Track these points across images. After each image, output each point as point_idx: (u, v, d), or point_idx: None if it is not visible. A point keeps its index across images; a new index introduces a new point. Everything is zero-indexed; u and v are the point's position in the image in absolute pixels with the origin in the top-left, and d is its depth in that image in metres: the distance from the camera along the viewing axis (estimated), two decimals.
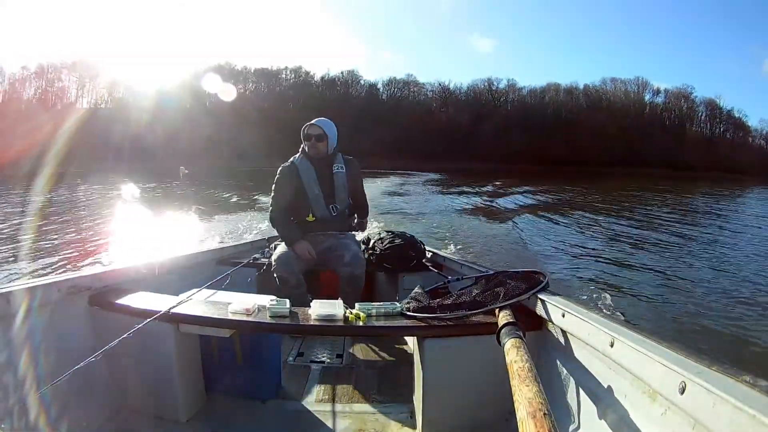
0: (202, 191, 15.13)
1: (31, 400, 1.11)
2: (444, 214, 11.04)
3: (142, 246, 6.16)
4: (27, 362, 1.18)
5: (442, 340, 1.31)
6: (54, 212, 9.54)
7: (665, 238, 8.50)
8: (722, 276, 5.73)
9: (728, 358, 3.09)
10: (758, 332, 3.63)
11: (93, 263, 5.27)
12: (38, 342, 1.22)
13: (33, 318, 1.22)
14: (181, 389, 1.38)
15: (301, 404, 1.55)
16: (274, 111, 50.10)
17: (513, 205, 13.92)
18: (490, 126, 53.03)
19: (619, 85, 61.87)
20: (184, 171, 22.76)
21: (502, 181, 24.36)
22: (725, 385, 0.66)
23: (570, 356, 1.15)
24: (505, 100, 60.87)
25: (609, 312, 3.65)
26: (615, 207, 14.26)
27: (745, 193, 25.64)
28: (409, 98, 60.84)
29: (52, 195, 12.98)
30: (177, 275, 1.92)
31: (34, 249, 5.93)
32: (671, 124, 60.18)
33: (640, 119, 58.20)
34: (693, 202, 17.73)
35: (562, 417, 1.09)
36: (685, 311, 4.21)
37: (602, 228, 9.58)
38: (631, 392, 0.90)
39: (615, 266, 6.05)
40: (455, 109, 57.69)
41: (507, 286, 1.36)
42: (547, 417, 0.66)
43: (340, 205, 2.14)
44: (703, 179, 36.57)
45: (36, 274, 4.73)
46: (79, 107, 47.28)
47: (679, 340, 0.99)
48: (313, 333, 1.92)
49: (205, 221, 8.83)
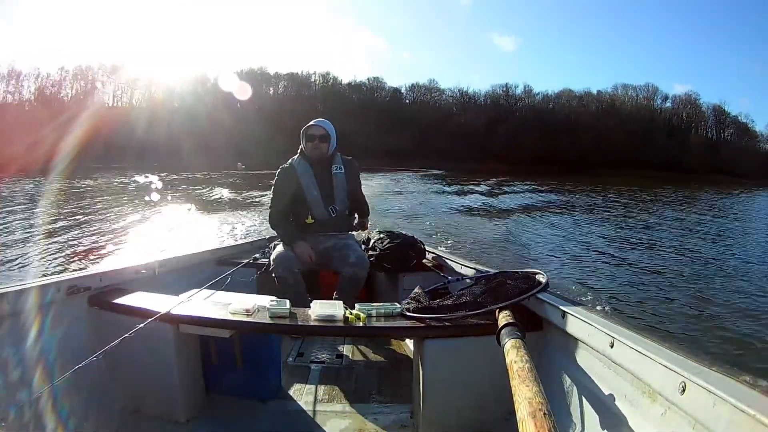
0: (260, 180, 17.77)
1: (31, 401, 1.11)
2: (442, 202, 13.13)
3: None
4: (27, 362, 1.18)
5: (442, 341, 1.31)
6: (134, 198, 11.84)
7: (662, 237, 8.67)
8: (722, 275, 5.78)
9: (728, 357, 3.10)
10: (758, 332, 3.64)
11: (95, 261, 5.42)
12: (38, 342, 1.22)
13: (33, 318, 1.22)
14: (181, 389, 1.38)
15: (301, 404, 1.55)
16: (305, 113, 54.59)
17: (511, 203, 14.77)
18: (503, 130, 56.08)
19: (630, 92, 64.81)
20: (241, 166, 28.93)
21: (506, 177, 27.29)
22: (725, 385, 0.66)
23: (570, 357, 1.15)
24: (520, 106, 63.97)
25: (609, 312, 3.65)
26: (613, 205, 15.01)
27: (745, 194, 26.76)
28: (430, 103, 64.24)
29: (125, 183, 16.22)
30: (177, 275, 1.92)
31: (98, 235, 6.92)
32: (677, 129, 62.13)
33: (647, 124, 60.33)
34: (691, 201, 18.52)
35: (562, 417, 1.08)
36: (685, 310, 4.22)
37: (602, 229, 9.70)
38: (631, 392, 0.90)
39: (614, 266, 6.07)
40: (473, 114, 60.61)
41: (507, 286, 1.36)
42: (547, 417, 0.66)
43: (340, 206, 2.13)
44: (703, 182, 37.93)
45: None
46: (126, 107, 51.94)
47: (679, 340, 0.99)
48: (313, 333, 1.92)
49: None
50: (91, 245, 6.37)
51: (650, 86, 65.20)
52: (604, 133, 56.88)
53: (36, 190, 13.62)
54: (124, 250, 6.05)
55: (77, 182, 16.63)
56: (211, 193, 14.56)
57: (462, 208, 12.65)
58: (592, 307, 1.17)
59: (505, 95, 64.32)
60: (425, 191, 17.53)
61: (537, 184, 22.56)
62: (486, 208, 12.89)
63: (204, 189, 15.62)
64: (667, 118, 63.65)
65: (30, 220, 8.38)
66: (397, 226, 7.04)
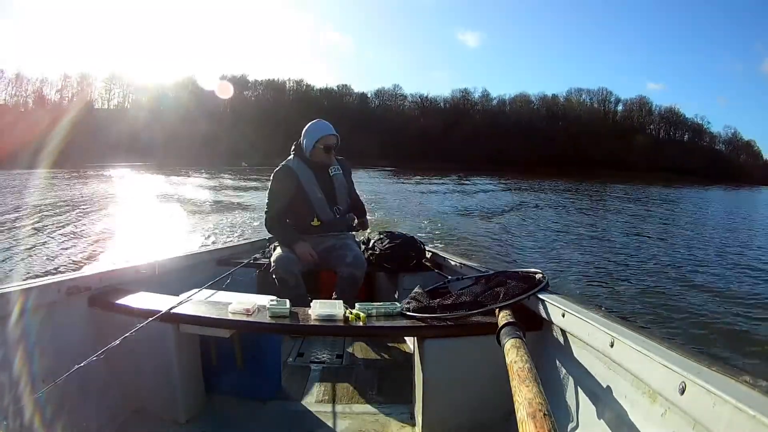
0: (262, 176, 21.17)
1: (31, 401, 1.11)
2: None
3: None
4: (27, 362, 1.18)
5: (442, 341, 1.31)
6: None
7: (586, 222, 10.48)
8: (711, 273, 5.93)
9: (728, 357, 3.10)
10: (759, 331, 3.64)
11: (98, 254, 5.58)
12: (38, 342, 1.22)
13: (33, 318, 1.22)
14: (181, 390, 1.38)
15: (301, 405, 1.55)
16: (287, 116, 60.79)
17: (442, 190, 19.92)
18: (459, 133, 64.36)
19: (584, 95, 73.50)
20: (244, 164, 34.51)
21: (459, 174, 33.73)
22: (725, 385, 0.66)
23: (570, 356, 1.15)
24: (477, 110, 72.81)
25: (608, 311, 3.66)
26: (550, 199, 17.95)
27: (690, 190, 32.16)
28: (393, 108, 72.73)
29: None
30: (177, 275, 1.92)
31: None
32: (627, 130, 69.42)
33: (596, 126, 68.33)
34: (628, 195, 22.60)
35: (562, 417, 1.08)
36: (685, 309, 4.23)
37: (595, 228, 10.22)
38: (631, 392, 0.90)
39: (613, 266, 6.08)
40: (433, 118, 68.64)
41: (507, 286, 1.36)
42: (547, 417, 0.66)
43: (342, 206, 2.13)
44: (647, 179, 43.29)
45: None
46: (121, 109, 59.16)
47: (679, 339, 1.00)
48: (313, 333, 1.92)
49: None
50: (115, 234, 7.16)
51: (603, 90, 73.90)
52: (552, 134, 65.40)
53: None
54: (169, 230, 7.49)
55: (111, 180, 19.52)
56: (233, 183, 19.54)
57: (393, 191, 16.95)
58: (592, 307, 1.17)
59: (464, 100, 73.09)
60: (376, 183, 22.11)
61: (489, 181, 28.08)
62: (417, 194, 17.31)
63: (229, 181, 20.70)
64: (619, 120, 71.38)
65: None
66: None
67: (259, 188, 15.57)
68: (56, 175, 21.09)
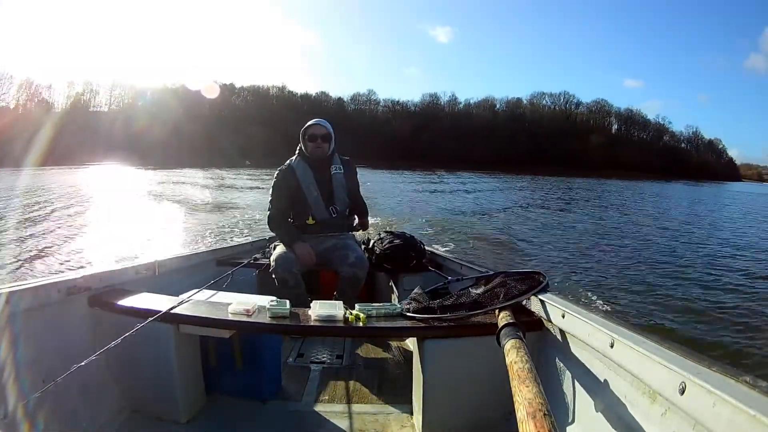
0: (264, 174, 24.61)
1: (31, 401, 1.11)
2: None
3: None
4: (27, 362, 1.18)
5: (442, 341, 1.31)
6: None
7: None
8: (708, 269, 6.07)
9: (728, 356, 3.10)
10: (759, 331, 3.64)
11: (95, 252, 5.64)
12: (38, 342, 1.22)
13: (33, 318, 1.22)
14: (181, 390, 1.38)
15: (301, 405, 1.55)
16: (277, 119, 66.44)
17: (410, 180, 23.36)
18: (427, 135, 72.06)
19: (547, 99, 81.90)
20: (247, 163, 37.98)
21: (423, 171, 38.15)
22: (725, 385, 0.66)
23: (570, 357, 1.15)
24: (444, 113, 79.99)
25: (608, 311, 3.66)
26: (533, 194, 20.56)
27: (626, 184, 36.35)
28: (367, 112, 79.64)
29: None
30: (177, 275, 1.92)
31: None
32: (583, 131, 78.05)
33: (556, 128, 75.56)
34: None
35: (562, 417, 1.09)
36: (684, 307, 4.24)
37: (590, 227, 10.61)
38: (631, 392, 0.90)
39: (613, 266, 6.08)
40: (402, 121, 75.90)
41: (507, 286, 1.36)
42: (547, 417, 0.66)
43: (340, 206, 2.12)
44: (600, 175, 49.90)
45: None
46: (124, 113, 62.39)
47: (679, 339, 1.00)
48: (313, 334, 1.92)
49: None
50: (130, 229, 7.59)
51: (565, 94, 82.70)
52: (514, 135, 72.96)
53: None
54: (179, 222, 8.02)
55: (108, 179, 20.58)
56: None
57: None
58: (591, 307, 1.17)
59: (433, 104, 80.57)
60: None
61: (454, 176, 32.31)
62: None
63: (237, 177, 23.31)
64: (578, 122, 79.79)
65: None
66: None
67: (256, 188, 16.93)
68: (56, 174, 22.11)
